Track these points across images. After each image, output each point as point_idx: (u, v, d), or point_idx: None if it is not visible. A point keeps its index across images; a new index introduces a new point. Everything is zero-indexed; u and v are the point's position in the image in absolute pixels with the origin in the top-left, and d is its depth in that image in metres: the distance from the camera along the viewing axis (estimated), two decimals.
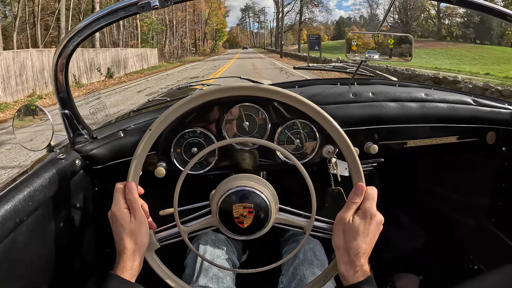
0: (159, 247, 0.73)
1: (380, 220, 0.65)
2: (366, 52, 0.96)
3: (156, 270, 0.73)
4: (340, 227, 0.66)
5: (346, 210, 0.66)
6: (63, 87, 0.80)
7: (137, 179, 0.71)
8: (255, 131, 0.90)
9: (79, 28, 0.74)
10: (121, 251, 0.66)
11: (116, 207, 0.68)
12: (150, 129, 0.71)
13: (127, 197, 0.69)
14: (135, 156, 0.71)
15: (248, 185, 0.68)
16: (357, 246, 0.63)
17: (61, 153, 0.83)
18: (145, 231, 0.68)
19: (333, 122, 0.69)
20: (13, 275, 0.64)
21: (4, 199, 0.63)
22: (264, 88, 0.72)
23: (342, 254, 0.65)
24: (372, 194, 0.66)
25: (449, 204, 1.30)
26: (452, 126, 1.03)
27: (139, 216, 0.68)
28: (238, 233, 0.68)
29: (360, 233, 0.63)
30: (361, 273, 0.62)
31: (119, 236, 0.67)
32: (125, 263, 0.65)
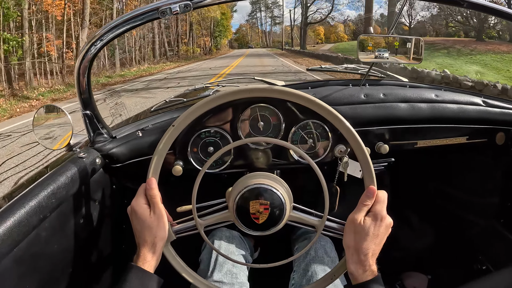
0: (175, 238, 0.76)
1: (389, 223, 0.68)
2: (376, 51, 0.97)
3: (170, 261, 0.76)
4: (351, 227, 0.68)
5: (357, 212, 0.68)
6: (85, 89, 0.83)
7: (157, 175, 0.74)
8: (270, 131, 0.92)
9: (102, 33, 0.77)
10: (141, 244, 0.69)
11: (136, 202, 0.71)
12: (173, 125, 0.73)
13: (147, 192, 0.71)
14: (157, 152, 0.74)
15: (266, 182, 0.70)
16: (367, 247, 0.65)
17: (82, 152, 0.86)
18: (164, 225, 0.71)
19: (347, 124, 0.71)
20: (35, 270, 0.67)
21: (29, 196, 0.65)
22: (282, 90, 0.74)
23: (352, 254, 0.67)
24: (383, 198, 0.69)
25: (458, 204, 1.31)
26: (461, 127, 1.04)
27: (158, 210, 0.71)
28: (253, 229, 0.70)
29: (370, 234, 0.66)
30: (370, 273, 0.65)
31: (139, 230, 0.70)
32: (145, 255, 0.68)
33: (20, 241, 0.60)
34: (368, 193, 0.69)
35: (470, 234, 1.27)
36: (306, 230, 1.23)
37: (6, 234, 0.56)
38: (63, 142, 0.96)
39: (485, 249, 1.21)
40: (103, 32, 0.76)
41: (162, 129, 0.93)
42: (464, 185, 1.28)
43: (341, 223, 0.73)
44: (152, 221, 0.69)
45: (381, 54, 0.98)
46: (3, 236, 0.56)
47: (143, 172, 0.88)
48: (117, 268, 1.08)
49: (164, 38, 25.74)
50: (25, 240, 0.62)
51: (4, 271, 0.57)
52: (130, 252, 1.14)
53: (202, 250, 0.98)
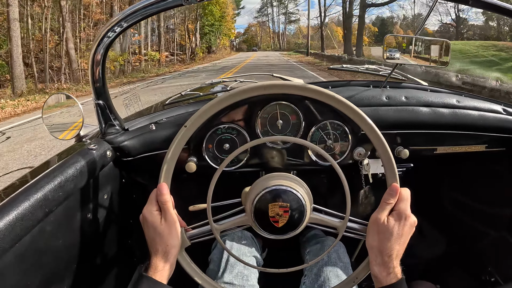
0: (190, 245, 0.72)
1: (413, 222, 0.65)
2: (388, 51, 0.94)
3: (185, 268, 0.72)
4: (375, 228, 0.65)
5: (380, 211, 0.65)
6: (99, 78, 0.80)
7: (169, 179, 0.70)
8: (288, 129, 0.89)
9: (118, 19, 0.73)
10: (152, 253, 0.66)
11: (146, 210, 0.67)
12: (185, 126, 0.69)
13: (158, 198, 0.67)
14: (168, 155, 0.69)
15: (285, 184, 0.67)
16: (391, 248, 0.62)
17: (93, 144, 0.83)
18: (176, 232, 0.67)
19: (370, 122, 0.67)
20: (38, 265, 0.64)
21: (34, 188, 0.62)
22: (306, 87, 0.70)
23: (376, 255, 0.64)
24: (406, 195, 0.66)
25: (471, 214, 1.28)
26: (481, 135, 1.02)
27: (170, 217, 0.67)
28: (273, 233, 0.67)
29: (394, 234, 0.63)
30: (394, 275, 0.62)
31: (150, 238, 0.67)
32: (157, 264, 0.64)
33: (23, 235, 0.57)
34: (391, 191, 0.65)
35: (481, 245, 1.25)
36: (317, 232, 1.20)
37: (8, 228, 0.53)
38: (73, 132, 0.93)
39: (495, 260, 1.19)
40: (120, 18, 0.73)
41: (176, 123, 0.90)
42: (478, 194, 1.26)
43: (364, 223, 0.70)
44: (163, 229, 0.66)
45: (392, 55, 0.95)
46: (5, 230, 0.52)
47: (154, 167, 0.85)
48: (123, 264, 1.05)
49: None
50: (29, 235, 0.59)
51: (5, 267, 0.54)
52: (136, 248, 1.12)
53: (212, 250, 0.95)
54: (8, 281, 0.56)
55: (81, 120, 0.91)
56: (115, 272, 1.00)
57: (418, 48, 0.91)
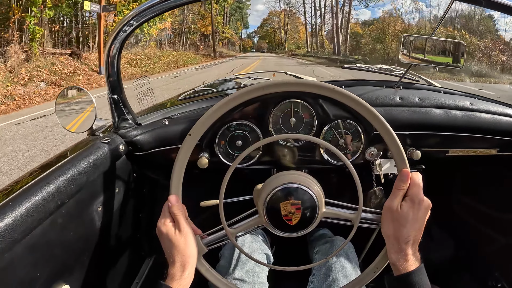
0: (207, 251, 0.72)
1: (428, 205, 0.64)
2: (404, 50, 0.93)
3: (205, 275, 0.72)
4: (389, 215, 0.65)
5: (393, 198, 0.65)
6: (113, 72, 0.80)
7: (179, 190, 0.69)
8: (301, 128, 0.89)
9: (135, 14, 0.73)
10: (170, 263, 0.66)
11: (160, 222, 0.67)
12: (189, 134, 0.68)
13: (170, 210, 0.68)
14: (176, 167, 0.69)
15: (294, 181, 0.67)
16: (407, 234, 0.62)
17: (106, 138, 0.83)
18: (192, 241, 0.67)
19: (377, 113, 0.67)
20: (48, 257, 0.64)
21: (47, 180, 0.62)
22: (318, 84, 0.70)
23: (393, 243, 0.63)
24: (417, 180, 0.65)
25: (480, 218, 1.27)
26: (494, 138, 1.01)
27: (184, 227, 0.67)
28: (287, 231, 0.67)
29: (410, 220, 0.62)
30: (412, 262, 0.61)
31: (166, 249, 0.67)
32: (174, 274, 0.64)
33: (35, 227, 0.58)
34: (402, 177, 0.65)
35: (489, 250, 1.24)
36: (325, 232, 1.20)
37: (21, 220, 0.53)
38: (86, 125, 0.93)
39: (502, 266, 1.18)
40: (137, 11, 0.73)
41: (189, 119, 0.90)
42: (488, 198, 1.25)
43: (378, 212, 0.70)
44: (178, 240, 0.66)
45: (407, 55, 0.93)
46: (17, 222, 0.53)
47: (166, 162, 0.85)
48: (131, 257, 1.06)
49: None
50: (40, 227, 0.59)
51: (15, 259, 0.55)
52: (144, 241, 1.13)
53: (223, 246, 0.95)
54: (19, 272, 0.57)
55: (94, 114, 0.92)
56: (123, 264, 1.00)
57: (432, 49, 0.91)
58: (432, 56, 0.93)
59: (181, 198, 0.70)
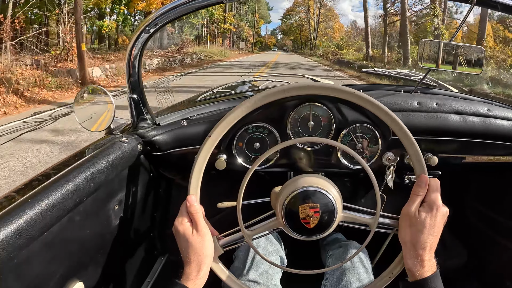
0: (223, 252, 0.72)
1: (445, 212, 0.64)
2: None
3: (220, 276, 0.72)
4: (406, 221, 0.65)
5: (410, 204, 0.65)
6: (134, 72, 0.81)
7: (198, 191, 0.70)
8: (319, 131, 0.89)
9: (158, 15, 0.74)
10: (186, 262, 0.66)
11: (178, 221, 0.68)
12: (209, 136, 0.69)
13: (188, 210, 0.68)
14: (195, 167, 0.69)
15: (313, 184, 0.67)
16: (424, 240, 0.62)
17: (124, 137, 0.84)
18: (209, 242, 0.68)
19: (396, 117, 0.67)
20: (64, 254, 0.65)
21: (66, 178, 0.63)
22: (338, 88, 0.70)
23: (410, 249, 0.63)
24: (436, 186, 0.65)
25: (494, 226, 1.25)
26: (510, 145, 1.00)
27: (201, 228, 0.67)
28: (305, 234, 0.67)
29: (427, 226, 0.62)
30: (429, 268, 0.61)
31: (183, 249, 0.67)
32: (190, 274, 0.65)
33: (53, 224, 0.58)
34: (420, 182, 0.64)
35: (501, 259, 1.22)
36: (338, 237, 1.19)
37: (39, 217, 0.54)
38: (104, 125, 0.94)
39: None
40: (160, 13, 0.74)
41: (208, 120, 0.90)
42: (503, 207, 1.23)
43: (395, 217, 0.70)
44: (195, 240, 0.66)
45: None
46: (36, 219, 0.53)
47: (184, 163, 0.86)
48: (144, 256, 1.07)
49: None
50: (58, 224, 0.60)
51: (32, 255, 0.55)
52: (157, 241, 1.14)
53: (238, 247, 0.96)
54: (35, 268, 0.57)
55: (112, 113, 0.93)
56: (136, 263, 1.01)
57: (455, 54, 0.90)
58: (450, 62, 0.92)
59: (199, 198, 0.70)
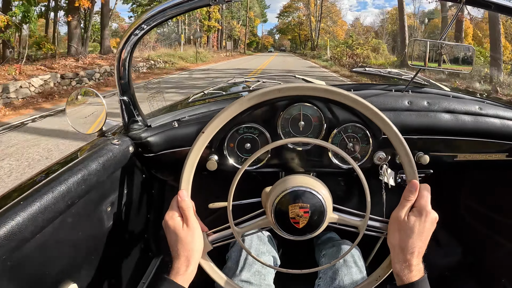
0: (212, 248, 0.73)
1: (434, 218, 0.65)
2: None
3: (208, 272, 0.73)
4: (396, 225, 0.66)
5: (400, 208, 0.66)
6: (125, 75, 0.81)
7: (189, 186, 0.71)
8: (310, 131, 0.89)
9: (147, 17, 0.74)
10: (175, 257, 0.67)
11: (168, 216, 0.69)
12: (203, 132, 0.70)
13: (179, 205, 0.69)
14: (187, 163, 0.70)
15: (304, 185, 0.67)
16: (413, 245, 0.63)
17: (116, 139, 0.84)
18: (198, 237, 0.68)
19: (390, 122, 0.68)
20: (57, 255, 0.66)
21: (57, 181, 0.63)
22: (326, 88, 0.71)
23: (398, 253, 0.64)
24: (426, 192, 0.66)
25: (487, 223, 1.26)
26: (503, 143, 1.00)
27: (191, 223, 0.68)
28: (294, 234, 0.68)
29: (416, 231, 0.63)
30: (416, 272, 0.62)
31: (172, 244, 0.68)
32: (178, 268, 0.65)
33: (45, 227, 0.59)
34: (411, 188, 0.66)
35: (496, 256, 1.23)
36: (332, 236, 1.20)
37: (31, 219, 0.55)
38: (96, 127, 0.94)
39: (510, 272, 1.17)
40: (149, 16, 0.74)
41: (199, 122, 0.91)
42: (496, 204, 1.24)
43: (384, 221, 0.70)
44: (185, 235, 0.67)
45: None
46: (27, 221, 0.54)
47: (175, 164, 0.86)
48: (139, 257, 1.07)
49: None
50: (50, 226, 0.60)
51: (25, 257, 0.56)
52: (152, 242, 1.14)
53: (231, 247, 0.96)
54: (28, 270, 0.58)
55: (104, 115, 0.93)
56: (131, 264, 1.01)
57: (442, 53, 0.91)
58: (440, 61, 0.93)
59: (190, 194, 0.71)
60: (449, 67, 0.92)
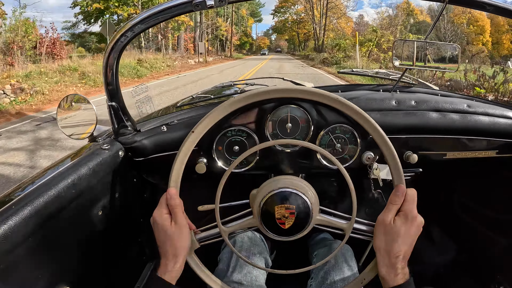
0: (199, 247, 0.74)
1: (420, 222, 0.65)
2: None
3: (195, 270, 0.74)
4: (382, 229, 0.66)
5: (387, 212, 0.66)
6: (112, 80, 0.82)
7: (178, 184, 0.72)
8: (297, 133, 0.90)
9: (132, 24, 0.75)
10: (162, 254, 0.68)
11: (157, 213, 0.69)
12: (192, 131, 0.71)
13: (168, 202, 0.70)
14: (177, 160, 0.71)
15: (290, 186, 0.68)
16: (398, 249, 0.63)
17: (106, 144, 0.85)
18: (185, 235, 0.69)
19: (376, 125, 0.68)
20: (49, 259, 0.66)
21: (48, 185, 0.64)
22: (310, 91, 0.71)
23: (383, 257, 0.65)
24: (412, 196, 0.66)
25: (482, 221, 1.26)
26: (492, 140, 1.00)
27: (180, 220, 0.69)
28: (279, 234, 0.69)
29: (401, 235, 0.63)
30: (402, 276, 0.63)
31: (160, 240, 0.68)
32: (166, 265, 0.66)
33: (36, 230, 0.60)
34: (397, 192, 0.66)
35: (490, 252, 1.23)
36: (325, 236, 1.20)
37: (22, 223, 0.56)
38: (87, 132, 0.96)
39: (504, 268, 1.17)
40: (133, 23, 0.75)
41: (187, 125, 0.92)
42: (490, 201, 1.24)
43: (371, 224, 0.71)
44: (173, 232, 0.68)
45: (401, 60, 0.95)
46: (19, 225, 0.55)
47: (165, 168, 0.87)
48: (132, 261, 1.07)
49: None
50: (41, 230, 0.61)
51: (17, 260, 0.57)
52: (146, 246, 1.14)
53: (222, 249, 0.97)
54: (20, 274, 0.58)
55: (94, 121, 0.94)
56: (125, 268, 1.02)
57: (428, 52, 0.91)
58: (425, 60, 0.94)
59: (179, 192, 0.72)
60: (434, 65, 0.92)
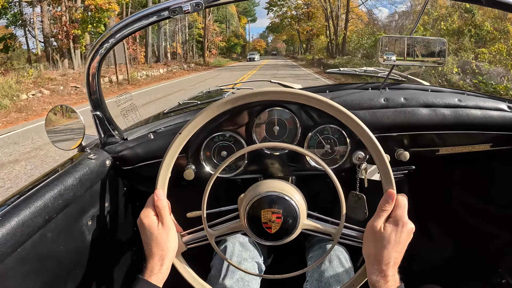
0: (186, 249, 0.73)
1: (411, 229, 0.64)
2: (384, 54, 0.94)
3: (181, 273, 0.73)
4: (371, 235, 0.65)
5: (376, 218, 0.65)
6: (95, 90, 0.82)
7: (165, 185, 0.72)
8: (285, 135, 0.89)
9: (112, 32, 0.76)
10: (149, 256, 0.67)
11: (144, 214, 0.69)
12: (180, 133, 0.71)
13: (155, 204, 0.69)
14: (163, 162, 0.71)
15: (277, 190, 0.67)
16: (389, 255, 0.62)
17: (92, 154, 0.85)
18: (173, 236, 0.69)
19: (365, 128, 0.67)
20: (39, 270, 0.66)
21: (34, 196, 0.65)
22: (296, 92, 0.70)
23: (373, 263, 0.63)
24: (403, 202, 0.65)
25: (480, 215, 1.25)
26: (485, 133, 0.99)
27: (167, 222, 0.68)
28: (266, 239, 0.68)
29: (392, 241, 0.62)
30: (392, 283, 0.61)
31: (146, 242, 0.68)
32: (152, 267, 0.66)
33: (24, 241, 0.60)
34: (387, 198, 0.65)
35: (491, 246, 1.21)
36: (321, 238, 1.19)
37: (10, 234, 0.56)
38: (75, 142, 0.95)
39: (506, 262, 1.15)
40: (113, 31, 0.75)
41: (174, 132, 0.91)
42: (487, 195, 1.22)
43: (360, 230, 0.69)
44: (160, 233, 0.67)
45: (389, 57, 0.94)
46: (7, 236, 0.56)
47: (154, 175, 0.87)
48: (126, 271, 1.06)
49: None
50: (30, 241, 0.61)
51: (7, 271, 0.57)
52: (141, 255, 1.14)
53: (214, 255, 0.96)
54: (10, 284, 0.59)
55: (82, 131, 0.94)
56: (119, 277, 1.01)
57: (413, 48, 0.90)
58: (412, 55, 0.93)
59: (166, 193, 0.72)
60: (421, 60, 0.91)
